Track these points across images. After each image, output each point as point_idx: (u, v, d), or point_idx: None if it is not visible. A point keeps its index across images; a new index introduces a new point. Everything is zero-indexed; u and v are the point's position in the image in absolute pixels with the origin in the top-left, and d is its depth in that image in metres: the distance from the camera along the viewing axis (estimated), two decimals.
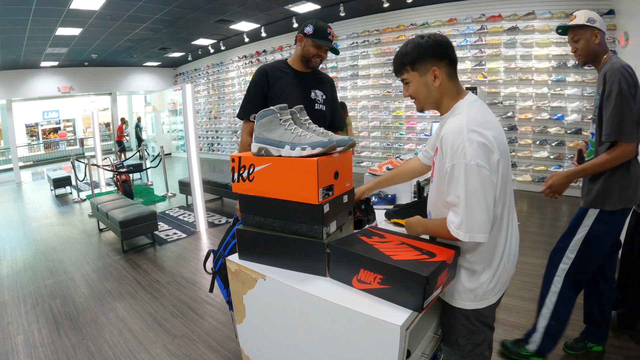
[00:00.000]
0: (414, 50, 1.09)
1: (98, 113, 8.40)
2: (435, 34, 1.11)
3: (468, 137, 0.98)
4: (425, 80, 1.10)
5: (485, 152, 0.98)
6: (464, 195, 0.97)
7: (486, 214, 0.98)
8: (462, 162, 0.97)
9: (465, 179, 0.97)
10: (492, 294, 1.13)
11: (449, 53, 1.09)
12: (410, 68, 1.11)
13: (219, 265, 1.59)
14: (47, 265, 3.67)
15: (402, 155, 6.98)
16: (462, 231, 0.99)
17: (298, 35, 1.79)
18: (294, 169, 1.12)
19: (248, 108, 1.82)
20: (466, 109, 1.06)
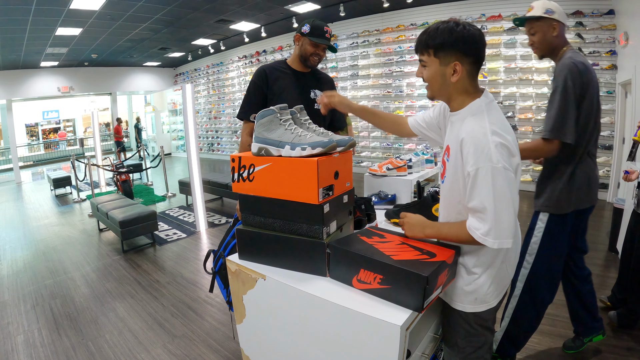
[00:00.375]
0: (442, 36, 1.00)
1: (98, 113, 8.40)
2: (472, 26, 1.00)
3: (492, 139, 0.94)
4: (444, 71, 1.03)
5: (509, 155, 0.96)
6: (492, 200, 0.93)
7: (513, 218, 0.96)
8: (489, 165, 0.93)
9: (493, 183, 0.93)
10: (492, 297, 1.11)
11: (478, 51, 1.01)
12: (432, 52, 1.03)
13: (219, 265, 1.59)
14: (47, 265, 3.67)
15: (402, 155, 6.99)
16: (491, 238, 0.95)
17: (295, 35, 1.80)
18: (294, 169, 1.12)
19: (248, 108, 1.82)
20: (486, 110, 1.01)
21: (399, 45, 7.11)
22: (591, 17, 5.15)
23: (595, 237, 3.79)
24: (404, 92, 7.18)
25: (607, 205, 4.89)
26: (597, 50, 5.15)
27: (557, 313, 2.41)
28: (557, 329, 2.25)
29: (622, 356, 1.99)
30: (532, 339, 2.16)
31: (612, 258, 3.26)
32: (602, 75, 5.15)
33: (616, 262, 3.08)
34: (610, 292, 2.48)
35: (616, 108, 5.03)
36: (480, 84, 1.09)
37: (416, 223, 1.15)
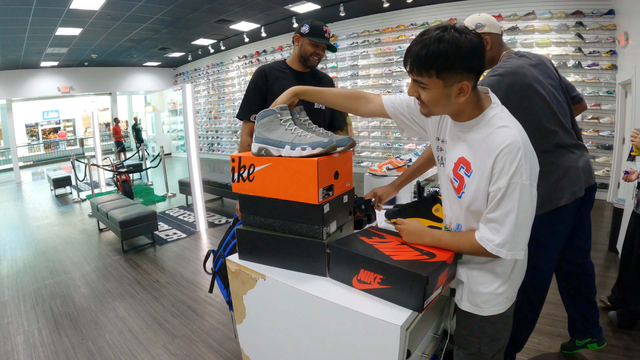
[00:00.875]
0: (446, 54, 0.86)
1: (98, 113, 8.40)
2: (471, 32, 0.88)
3: (525, 156, 0.92)
4: (448, 92, 0.92)
5: (535, 169, 0.96)
6: (515, 216, 0.93)
7: (528, 232, 0.97)
8: (519, 182, 0.92)
9: (520, 199, 0.93)
10: (514, 293, 1.13)
11: (482, 61, 0.91)
12: (435, 74, 0.89)
13: (219, 265, 1.59)
14: (47, 265, 3.67)
15: (402, 155, 7.00)
16: (506, 249, 0.95)
17: (295, 36, 1.80)
18: (294, 169, 1.12)
19: (247, 108, 1.82)
20: (509, 121, 0.97)
21: (399, 45, 7.10)
22: (591, 17, 5.15)
23: (595, 237, 3.77)
24: (404, 92, 7.16)
25: (607, 205, 4.89)
26: (597, 50, 5.16)
27: (557, 313, 2.41)
28: (557, 329, 2.25)
29: (622, 356, 1.99)
30: (532, 339, 2.16)
31: (612, 258, 3.26)
32: (602, 75, 5.16)
33: (616, 262, 3.08)
34: (610, 292, 2.48)
35: (616, 108, 5.04)
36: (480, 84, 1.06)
37: (414, 230, 1.11)
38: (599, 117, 5.21)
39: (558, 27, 5.39)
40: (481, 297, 1.08)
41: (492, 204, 0.95)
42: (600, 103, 5.19)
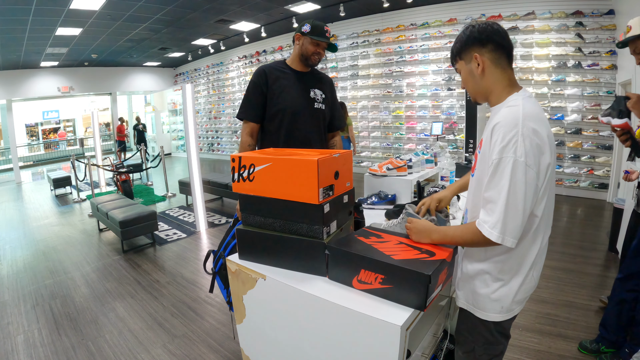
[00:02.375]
0: (459, 39, 1.07)
1: (98, 113, 8.40)
2: (486, 21, 1.05)
3: (522, 131, 0.91)
4: (471, 69, 1.06)
5: (537, 153, 0.92)
6: (506, 194, 0.91)
7: (521, 218, 0.93)
8: (512, 157, 0.90)
9: (511, 176, 0.91)
10: (517, 305, 1.06)
11: (493, 38, 1.01)
12: (458, 57, 1.08)
13: (219, 265, 1.59)
14: (47, 265, 3.67)
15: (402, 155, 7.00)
16: (497, 231, 0.93)
17: (295, 35, 1.80)
18: (294, 169, 1.12)
19: (247, 108, 1.82)
20: (522, 102, 0.98)
21: (399, 45, 7.10)
22: (591, 17, 5.15)
23: (595, 237, 3.79)
24: (404, 92, 7.18)
25: (607, 205, 4.89)
26: (597, 50, 5.16)
27: (557, 313, 2.42)
28: (557, 329, 2.25)
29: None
30: (532, 338, 2.16)
31: (612, 258, 3.26)
32: (602, 75, 5.16)
33: (616, 262, 3.08)
34: (610, 292, 2.47)
35: None
36: None
37: (422, 229, 1.12)
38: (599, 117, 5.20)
39: (558, 27, 5.39)
40: (476, 297, 1.08)
41: (487, 179, 0.96)
42: (600, 103, 5.19)
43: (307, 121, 1.82)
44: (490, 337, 1.10)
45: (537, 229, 1.01)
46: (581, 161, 5.40)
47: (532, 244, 1.02)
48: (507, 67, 1.04)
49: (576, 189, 5.48)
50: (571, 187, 5.50)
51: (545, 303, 2.55)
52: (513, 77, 1.05)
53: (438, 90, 6.76)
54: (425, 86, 6.90)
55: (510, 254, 1.01)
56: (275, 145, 1.79)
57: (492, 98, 1.06)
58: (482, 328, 1.09)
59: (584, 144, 5.36)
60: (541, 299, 2.59)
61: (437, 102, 6.77)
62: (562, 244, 3.66)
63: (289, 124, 1.79)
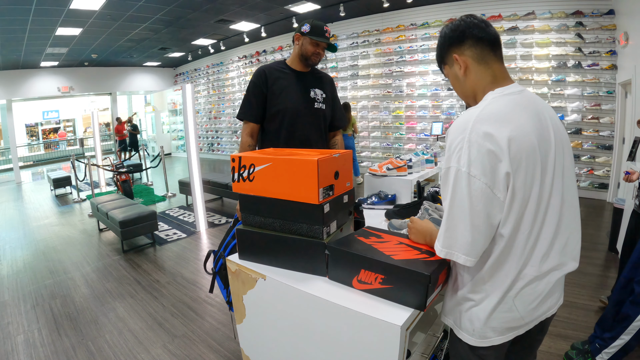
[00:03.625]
0: (438, 45, 1.00)
1: (98, 113, 8.39)
2: (461, 17, 0.95)
3: (469, 137, 0.81)
4: (454, 72, 0.97)
5: (488, 161, 0.80)
6: (448, 205, 0.85)
7: (470, 234, 0.82)
8: (455, 166, 0.82)
9: (453, 186, 0.83)
10: (494, 334, 0.91)
11: (469, 32, 0.92)
12: (442, 63, 1.02)
13: (219, 265, 1.59)
14: (47, 265, 3.66)
15: (402, 155, 7.00)
16: (439, 243, 0.88)
17: (295, 35, 1.80)
18: (294, 169, 1.12)
19: (247, 109, 1.82)
20: (487, 102, 0.87)
21: (399, 45, 7.10)
22: (591, 17, 5.15)
23: (595, 237, 3.79)
24: (404, 92, 7.18)
25: (607, 205, 4.89)
26: (597, 50, 5.16)
27: (557, 313, 2.41)
28: (557, 329, 2.25)
29: None
30: None
31: (612, 258, 3.26)
32: (602, 75, 5.16)
33: (616, 262, 3.08)
34: (610, 292, 2.48)
35: (616, 108, 5.04)
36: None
37: (421, 230, 1.10)
38: (599, 117, 5.21)
39: (558, 27, 5.39)
40: (457, 314, 0.98)
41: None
42: (600, 103, 5.19)
43: (307, 121, 1.82)
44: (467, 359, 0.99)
45: (506, 253, 0.86)
46: (581, 161, 5.40)
47: (499, 268, 0.88)
48: (494, 62, 0.93)
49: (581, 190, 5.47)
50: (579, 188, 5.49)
51: None
52: (499, 72, 0.93)
53: (438, 90, 6.76)
54: (425, 86, 6.90)
55: (479, 272, 0.90)
56: (276, 146, 1.79)
57: (478, 99, 0.94)
58: (459, 346, 0.99)
59: (584, 144, 5.36)
60: None
61: (437, 102, 6.77)
62: None
63: (289, 124, 1.79)
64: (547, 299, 0.93)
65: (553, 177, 0.88)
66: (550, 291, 0.93)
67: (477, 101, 0.94)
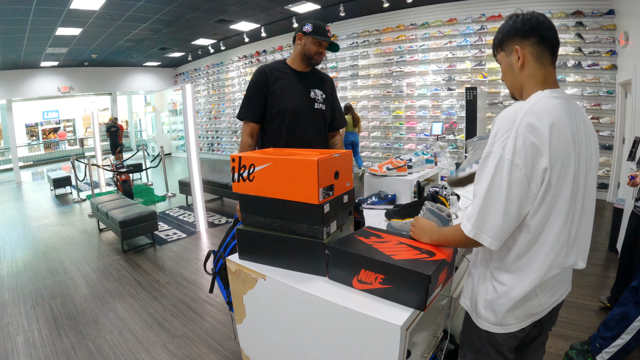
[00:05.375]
0: (502, 29, 1.00)
1: (98, 113, 8.38)
2: (532, 12, 0.96)
3: (517, 128, 0.84)
4: (510, 62, 0.99)
5: (530, 153, 0.84)
6: (485, 188, 0.87)
7: (501, 219, 0.86)
8: (499, 152, 0.85)
9: (494, 172, 0.86)
10: (513, 321, 0.97)
11: (538, 30, 0.93)
12: (499, 48, 1.02)
13: (219, 265, 1.59)
14: (47, 265, 3.66)
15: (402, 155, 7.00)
16: (470, 224, 0.90)
17: (297, 34, 1.80)
18: (294, 169, 1.12)
19: (248, 109, 1.82)
20: (537, 99, 0.90)
21: (399, 45, 7.10)
22: (591, 17, 5.15)
23: (595, 237, 3.77)
24: (404, 92, 7.18)
25: (607, 205, 4.89)
26: (597, 50, 5.16)
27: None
28: (557, 329, 2.25)
29: None
30: None
31: (612, 258, 3.26)
32: (602, 75, 5.16)
33: (616, 262, 3.08)
34: (609, 293, 2.48)
35: (616, 108, 5.03)
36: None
37: (424, 228, 1.11)
38: (599, 117, 5.21)
39: (558, 27, 5.38)
40: (474, 300, 1.04)
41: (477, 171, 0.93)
42: (600, 103, 5.19)
43: (307, 121, 1.82)
44: (481, 347, 1.04)
45: (532, 245, 0.91)
46: None
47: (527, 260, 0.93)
48: (549, 64, 0.96)
49: None
50: None
51: None
52: (551, 75, 0.96)
53: (438, 90, 6.76)
54: (425, 86, 6.90)
55: (504, 262, 0.95)
56: (276, 146, 1.79)
57: (524, 94, 0.98)
58: (475, 335, 1.04)
59: None
60: None
61: (437, 102, 6.77)
62: None
63: (289, 125, 1.79)
64: (561, 287, 1.02)
65: (585, 179, 0.95)
66: (563, 280, 1.02)
67: (522, 95, 0.99)
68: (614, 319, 1.86)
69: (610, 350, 1.80)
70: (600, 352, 1.83)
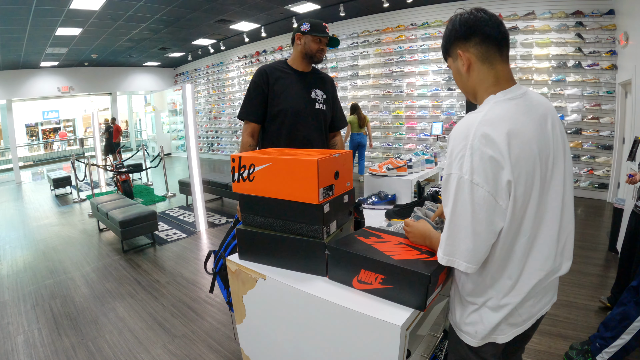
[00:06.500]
0: (444, 35, 0.96)
1: (98, 113, 8.38)
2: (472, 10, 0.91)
3: (472, 144, 0.79)
4: (457, 66, 0.95)
5: (490, 168, 0.79)
6: (449, 212, 0.84)
7: (472, 242, 0.81)
8: (457, 173, 0.81)
9: (455, 194, 0.82)
10: (498, 333, 0.93)
11: (478, 29, 0.88)
12: (447, 55, 0.99)
13: (219, 265, 1.59)
14: (47, 265, 3.66)
15: (402, 155, 7.00)
16: (441, 251, 0.87)
17: (295, 35, 1.80)
18: (294, 169, 1.12)
19: (248, 109, 1.82)
20: (490, 107, 0.85)
21: (399, 45, 7.10)
22: (591, 17, 5.15)
23: (595, 237, 3.79)
24: (404, 92, 7.18)
25: (607, 205, 4.89)
26: (597, 50, 5.16)
27: (557, 313, 2.41)
28: (557, 329, 2.25)
29: None
30: (533, 339, 2.15)
31: (612, 258, 3.26)
32: (602, 75, 5.16)
33: (616, 262, 3.08)
34: (609, 293, 2.48)
35: (616, 108, 5.04)
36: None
37: (419, 233, 1.09)
38: (599, 117, 5.21)
39: (558, 27, 5.39)
40: (455, 315, 1.01)
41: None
42: (600, 103, 5.19)
43: (308, 122, 1.82)
44: (466, 357, 1.01)
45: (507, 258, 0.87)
46: (581, 161, 5.40)
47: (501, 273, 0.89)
48: (498, 62, 0.90)
49: (576, 189, 5.48)
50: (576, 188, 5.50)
51: None
52: (503, 73, 0.90)
53: (438, 90, 6.76)
54: (425, 86, 6.90)
55: (481, 277, 0.90)
56: (276, 146, 1.80)
57: (478, 98, 0.94)
58: (460, 347, 1.01)
59: (584, 144, 5.36)
60: None
61: (437, 102, 6.77)
62: None
63: (290, 125, 1.79)
64: (543, 297, 0.97)
65: (552, 181, 0.89)
66: (545, 289, 0.96)
67: (477, 98, 0.95)
68: (614, 319, 1.86)
69: (610, 350, 1.80)
70: (600, 352, 1.83)
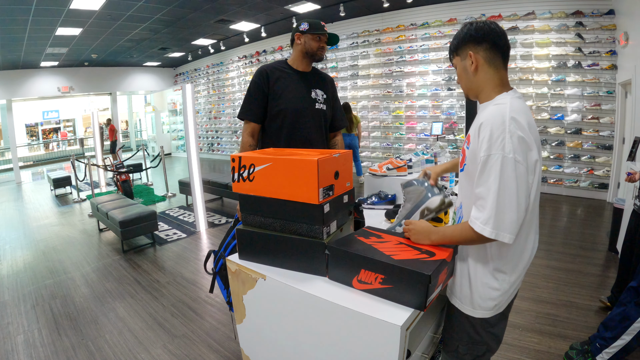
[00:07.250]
0: (457, 36, 1.09)
1: (98, 113, 8.38)
2: (485, 21, 1.07)
3: (509, 128, 0.92)
4: (465, 65, 1.08)
5: (524, 149, 0.93)
6: (496, 189, 0.92)
7: (516, 214, 0.92)
8: (500, 153, 0.91)
9: (501, 172, 0.91)
10: (506, 302, 1.08)
11: (489, 37, 1.03)
12: (455, 53, 1.12)
13: (219, 265, 1.59)
14: (47, 265, 3.66)
15: (402, 155, 7.00)
16: (490, 227, 0.93)
17: (295, 35, 1.80)
18: (294, 169, 1.12)
19: (249, 108, 1.82)
20: (509, 100, 1.00)
21: (399, 45, 7.10)
22: (591, 17, 5.15)
23: (595, 237, 3.79)
24: (404, 92, 7.18)
25: (607, 205, 4.89)
26: (597, 50, 5.15)
27: (557, 313, 2.41)
28: (557, 329, 2.25)
29: None
30: (532, 339, 2.16)
31: (612, 258, 3.26)
32: (602, 75, 5.16)
33: (616, 262, 3.08)
34: (610, 293, 2.48)
35: (616, 108, 5.04)
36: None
37: (421, 230, 1.11)
38: (599, 117, 5.21)
39: (558, 27, 5.39)
40: (466, 294, 1.08)
41: (477, 175, 0.97)
42: (600, 103, 5.19)
43: (308, 122, 1.82)
44: (475, 336, 1.10)
45: (529, 226, 1.04)
46: (581, 161, 5.40)
47: (526, 241, 1.04)
48: (501, 68, 1.06)
49: (576, 189, 5.48)
50: (571, 187, 5.51)
51: (545, 303, 2.55)
52: (505, 77, 1.07)
53: (438, 90, 6.76)
54: (425, 86, 6.90)
55: (509, 252, 1.02)
56: (277, 146, 1.80)
57: (482, 96, 1.09)
58: (468, 325, 1.10)
59: (584, 144, 5.36)
60: (541, 299, 2.59)
61: (437, 102, 6.77)
62: (562, 244, 3.66)
63: (290, 125, 1.79)
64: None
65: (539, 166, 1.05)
66: None
67: (479, 97, 1.10)
68: (614, 319, 1.86)
69: (610, 350, 1.80)
70: (600, 352, 1.83)
